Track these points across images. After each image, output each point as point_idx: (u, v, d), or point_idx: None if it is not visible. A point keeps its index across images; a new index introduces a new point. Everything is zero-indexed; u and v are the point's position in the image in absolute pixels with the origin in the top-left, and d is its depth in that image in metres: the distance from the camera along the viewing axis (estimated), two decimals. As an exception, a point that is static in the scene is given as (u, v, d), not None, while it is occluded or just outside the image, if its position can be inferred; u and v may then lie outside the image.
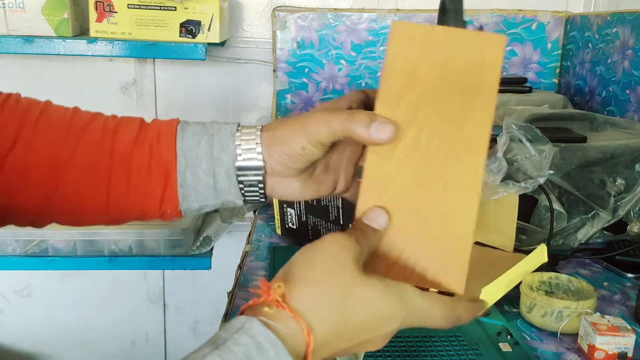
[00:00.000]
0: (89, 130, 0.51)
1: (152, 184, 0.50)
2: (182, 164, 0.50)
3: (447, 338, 0.70)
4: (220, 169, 0.50)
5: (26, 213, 0.51)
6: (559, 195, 0.94)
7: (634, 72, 1.17)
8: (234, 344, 0.37)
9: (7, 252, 1.30)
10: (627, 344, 0.66)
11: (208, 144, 0.51)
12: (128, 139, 0.51)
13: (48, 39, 1.25)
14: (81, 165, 0.50)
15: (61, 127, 0.51)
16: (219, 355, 0.36)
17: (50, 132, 0.50)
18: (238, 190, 0.51)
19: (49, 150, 0.49)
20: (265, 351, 0.36)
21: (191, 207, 0.52)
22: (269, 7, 1.50)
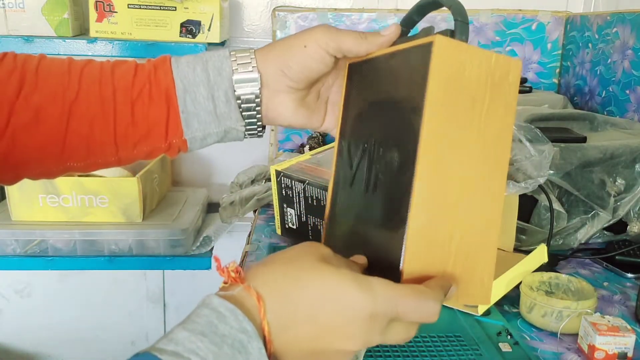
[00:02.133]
0: (88, 70, 0.53)
1: (156, 111, 0.53)
2: (180, 89, 0.53)
3: (447, 338, 0.70)
4: (219, 92, 0.53)
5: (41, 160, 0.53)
6: (559, 195, 0.94)
7: (634, 72, 1.17)
8: (195, 316, 0.39)
9: (7, 252, 1.30)
10: (627, 344, 0.66)
11: (203, 70, 0.53)
12: (127, 73, 0.53)
13: (48, 39, 1.25)
14: (88, 101, 0.52)
15: (61, 71, 0.53)
16: (184, 328, 0.38)
17: (52, 76, 0.52)
18: (238, 114, 0.54)
19: (55, 92, 0.52)
20: (225, 318, 0.38)
21: (195, 136, 0.54)
22: (269, 7, 1.50)
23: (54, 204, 1.29)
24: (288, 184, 0.96)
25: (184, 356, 0.36)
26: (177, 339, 0.37)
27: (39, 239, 1.30)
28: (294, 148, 1.52)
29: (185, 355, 0.36)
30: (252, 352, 0.38)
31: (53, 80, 0.52)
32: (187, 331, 0.38)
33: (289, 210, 0.98)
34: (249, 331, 0.38)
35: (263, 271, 0.42)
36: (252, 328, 0.38)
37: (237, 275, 0.41)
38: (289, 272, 0.41)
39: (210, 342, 0.37)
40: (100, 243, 1.31)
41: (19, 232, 1.29)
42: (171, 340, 0.37)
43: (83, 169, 0.55)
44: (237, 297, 0.40)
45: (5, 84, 0.51)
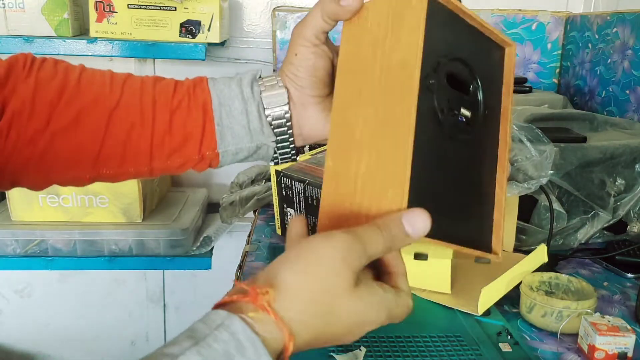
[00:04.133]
0: (130, 82, 0.55)
1: (193, 122, 0.54)
2: (216, 103, 0.55)
3: (447, 338, 0.70)
4: (252, 107, 0.55)
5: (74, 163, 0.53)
6: (559, 195, 0.94)
7: (634, 72, 1.17)
8: (213, 340, 0.36)
9: (7, 252, 1.30)
10: (627, 344, 0.66)
11: (237, 86, 0.56)
12: (167, 87, 0.56)
13: (48, 39, 1.25)
14: (128, 109, 0.53)
15: (103, 80, 0.55)
16: (199, 352, 0.36)
17: (94, 84, 0.54)
18: (270, 130, 0.55)
19: (97, 98, 0.53)
20: (244, 349, 0.36)
21: (227, 150, 0.55)
22: (269, 7, 1.50)
23: (54, 204, 1.29)
24: (288, 184, 0.96)
25: None
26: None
27: (39, 239, 1.30)
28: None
29: None
30: None
31: (95, 88, 0.54)
32: (201, 356, 0.36)
33: (289, 210, 0.98)
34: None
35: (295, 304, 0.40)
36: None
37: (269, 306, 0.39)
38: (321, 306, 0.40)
39: None
40: (100, 243, 1.31)
41: (19, 232, 1.29)
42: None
43: (113, 177, 0.56)
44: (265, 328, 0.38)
45: (46, 87, 0.52)
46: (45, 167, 0.53)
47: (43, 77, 0.53)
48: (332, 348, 0.66)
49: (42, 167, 0.53)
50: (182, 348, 0.36)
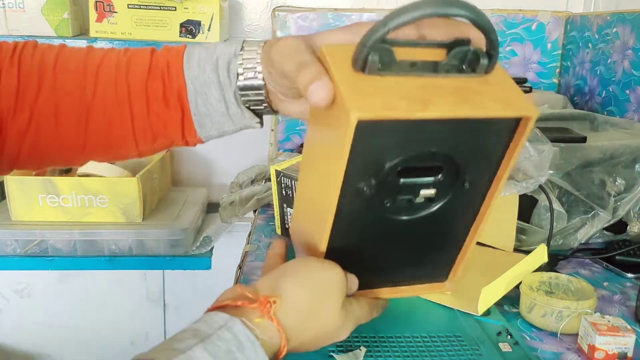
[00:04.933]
0: (105, 68, 0.53)
1: (171, 113, 0.53)
2: (192, 91, 0.52)
3: (447, 338, 0.70)
4: (229, 94, 0.53)
5: (64, 153, 0.55)
6: (559, 195, 0.94)
7: (634, 72, 1.17)
8: (217, 338, 0.41)
9: (7, 252, 1.30)
10: (627, 344, 0.66)
11: (213, 70, 0.52)
12: (141, 71, 0.53)
13: (48, 39, 1.25)
14: (104, 102, 0.53)
15: (78, 69, 0.53)
16: (205, 349, 0.39)
17: (68, 75, 0.53)
18: (251, 113, 0.54)
19: (73, 92, 0.53)
20: (244, 348, 0.41)
21: (210, 135, 0.55)
22: (269, 7, 1.50)
23: (54, 204, 1.29)
24: (288, 184, 0.96)
25: None
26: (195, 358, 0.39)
27: (39, 239, 1.30)
28: (294, 148, 1.52)
29: None
30: None
31: (70, 80, 0.53)
32: (206, 352, 0.39)
33: (289, 210, 0.98)
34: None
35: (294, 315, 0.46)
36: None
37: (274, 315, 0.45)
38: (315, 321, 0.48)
39: None
40: (100, 243, 1.31)
41: (19, 232, 1.29)
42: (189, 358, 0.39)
43: (107, 160, 0.59)
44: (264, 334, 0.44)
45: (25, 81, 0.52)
46: (37, 157, 0.55)
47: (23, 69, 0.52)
48: (332, 348, 0.66)
49: (34, 157, 0.55)
50: (189, 344, 0.39)
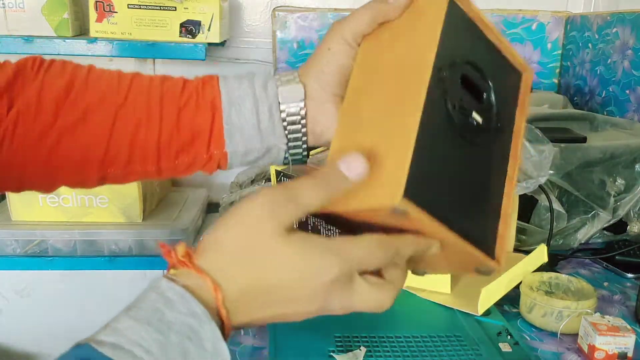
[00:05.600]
0: (138, 79, 0.54)
1: (201, 119, 0.53)
2: (226, 102, 0.53)
3: (447, 338, 0.70)
4: (263, 107, 0.53)
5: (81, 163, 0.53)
6: (559, 195, 0.94)
7: (634, 72, 1.17)
8: (141, 301, 0.38)
9: (7, 252, 1.30)
10: (627, 344, 0.66)
11: (249, 85, 0.54)
12: (176, 85, 0.54)
13: (48, 39, 1.25)
14: (135, 105, 0.53)
15: (111, 77, 0.54)
16: (128, 315, 0.37)
17: (102, 81, 0.54)
18: (282, 130, 0.53)
19: (104, 95, 0.52)
20: (172, 303, 0.37)
21: (237, 150, 0.54)
22: (269, 7, 1.50)
23: (54, 204, 1.29)
24: (288, 184, 0.96)
25: (125, 348, 0.34)
26: (119, 329, 0.36)
27: (39, 239, 1.30)
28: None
29: (127, 347, 0.35)
30: (204, 335, 0.37)
31: (102, 86, 0.53)
32: (131, 319, 0.36)
33: (289, 210, 0.98)
34: (199, 314, 0.37)
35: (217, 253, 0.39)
36: (202, 310, 0.37)
37: (187, 260, 0.39)
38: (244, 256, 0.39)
39: (155, 331, 0.36)
40: (100, 243, 1.31)
41: (19, 232, 1.29)
42: (114, 330, 0.36)
43: (121, 177, 0.55)
44: (189, 282, 0.38)
45: (52, 84, 0.52)
46: (52, 167, 0.53)
47: (50, 76, 0.53)
48: (332, 348, 0.66)
49: (49, 167, 0.53)
50: (115, 317, 0.37)
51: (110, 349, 0.34)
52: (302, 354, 0.65)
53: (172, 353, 0.36)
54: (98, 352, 0.34)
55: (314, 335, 0.68)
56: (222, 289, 0.38)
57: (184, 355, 0.36)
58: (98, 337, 0.35)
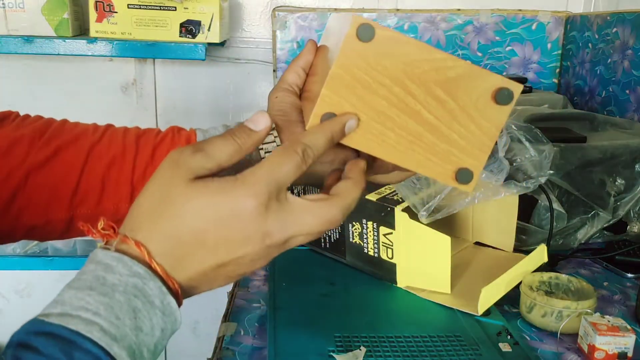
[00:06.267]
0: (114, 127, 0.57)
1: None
2: (200, 137, 0.56)
3: (447, 338, 0.70)
4: None
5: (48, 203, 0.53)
6: (559, 195, 0.94)
7: (634, 72, 1.17)
8: (81, 273, 0.37)
9: (7, 252, 1.30)
10: (627, 344, 0.66)
11: (224, 126, 0.57)
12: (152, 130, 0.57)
13: (48, 39, 1.25)
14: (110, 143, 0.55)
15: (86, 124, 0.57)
16: (69, 286, 0.36)
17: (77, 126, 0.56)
18: (258, 155, 0.55)
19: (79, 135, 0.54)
20: (112, 268, 0.37)
21: None
22: (269, 7, 1.50)
23: (54, 204, 1.29)
24: (288, 184, 0.96)
25: (72, 314, 0.35)
26: (63, 300, 0.36)
27: (38, 239, 1.30)
28: None
29: (73, 313, 0.35)
30: (150, 292, 0.37)
31: (79, 128, 0.55)
32: (73, 289, 0.36)
33: (289, 210, 0.98)
34: (141, 274, 0.37)
35: (132, 217, 0.39)
36: (144, 270, 0.37)
37: (111, 232, 0.39)
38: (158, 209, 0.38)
39: (99, 294, 0.36)
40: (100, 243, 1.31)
41: (19, 232, 1.29)
42: (58, 303, 0.36)
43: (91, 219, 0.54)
44: (119, 250, 0.38)
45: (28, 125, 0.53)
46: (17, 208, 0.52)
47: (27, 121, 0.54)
48: (332, 348, 0.66)
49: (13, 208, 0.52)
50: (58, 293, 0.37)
51: (58, 317, 0.34)
52: (302, 354, 0.65)
53: (120, 312, 0.36)
54: (46, 322, 0.34)
55: (314, 335, 0.69)
56: (144, 245, 0.38)
57: (133, 312, 0.36)
58: (44, 311, 0.35)
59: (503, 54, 1.48)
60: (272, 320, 0.72)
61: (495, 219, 0.92)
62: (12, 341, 0.34)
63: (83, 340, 0.34)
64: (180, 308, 0.39)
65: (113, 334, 0.35)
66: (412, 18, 1.45)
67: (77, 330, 0.34)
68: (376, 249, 0.83)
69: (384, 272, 0.83)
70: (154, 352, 0.38)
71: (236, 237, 0.38)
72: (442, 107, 0.45)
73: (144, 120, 1.54)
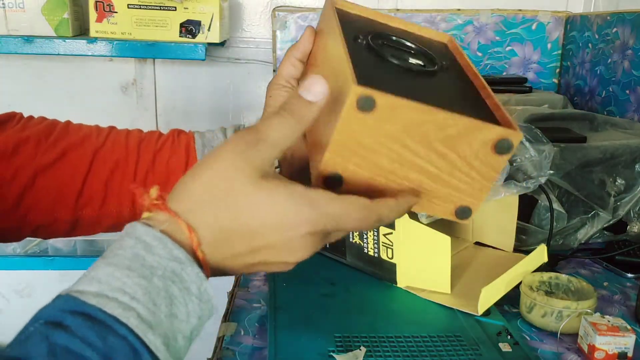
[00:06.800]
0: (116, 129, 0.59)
1: (175, 160, 0.57)
2: (199, 144, 0.57)
3: (447, 338, 0.70)
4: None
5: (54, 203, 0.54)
6: (559, 195, 0.94)
7: (634, 72, 1.17)
8: (118, 247, 0.36)
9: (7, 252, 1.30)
10: (627, 344, 0.66)
11: (221, 132, 0.58)
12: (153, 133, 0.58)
13: (48, 39, 1.25)
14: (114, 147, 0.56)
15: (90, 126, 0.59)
16: (107, 262, 0.35)
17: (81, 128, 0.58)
18: None
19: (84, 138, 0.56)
20: (152, 248, 0.36)
21: None
22: (269, 7, 1.50)
23: (54, 204, 1.29)
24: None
25: (108, 296, 0.33)
26: (100, 277, 0.34)
27: (39, 239, 1.30)
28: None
29: (110, 295, 0.33)
30: (187, 278, 0.36)
31: (83, 131, 0.57)
32: (110, 267, 0.35)
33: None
34: (181, 258, 0.36)
35: (189, 196, 0.38)
36: (184, 255, 0.36)
37: (161, 202, 0.38)
38: (219, 199, 0.37)
39: (138, 276, 0.34)
40: (100, 243, 1.31)
41: (19, 232, 1.29)
42: (94, 279, 0.34)
43: (95, 220, 0.55)
44: (164, 227, 0.37)
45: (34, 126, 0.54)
46: (24, 207, 0.53)
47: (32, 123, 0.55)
48: (332, 348, 0.66)
49: (21, 208, 0.52)
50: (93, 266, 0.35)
51: (94, 297, 0.33)
52: (302, 353, 0.65)
53: (157, 298, 0.35)
54: (82, 302, 0.33)
55: (314, 335, 0.69)
56: (196, 231, 0.37)
57: (169, 299, 0.35)
58: (78, 287, 0.34)
59: (503, 54, 1.48)
60: (272, 320, 0.72)
61: (495, 219, 0.92)
62: (41, 317, 0.33)
63: (120, 326, 0.32)
64: None
65: (149, 321, 0.34)
66: (412, 18, 1.45)
67: (114, 315, 0.33)
68: (376, 249, 0.83)
69: (384, 272, 0.83)
70: (189, 338, 0.37)
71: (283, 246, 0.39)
72: (443, 159, 0.45)
73: (144, 120, 1.54)
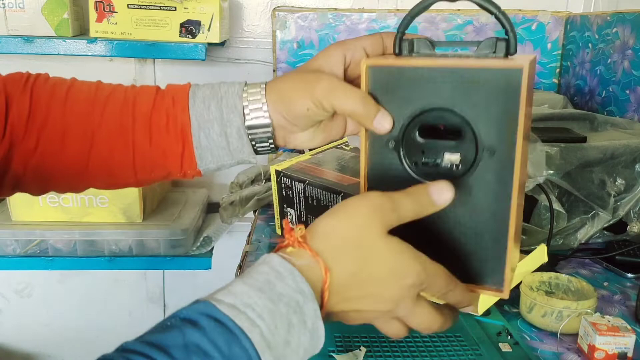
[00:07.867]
0: (113, 99, 0.57)
1: (172, 143, 0.55)
2: (195, 126, 0.55)
3: (447, 338, 0.70)
4: (231, 130, 0.55)
5: (66, 178, 0.56)
6: (559, 195, 0.94)
7: (634, 72, 1.17)
8: (255, 272, 0.40)
9: (7, 252, 1.30)
10: (627, 344, 0.66)
11: (217, 108, 0.55)
12: (147, 104, 0.56)
13: (48, 39, 1.25)
14: (109, 129, 0.55)
15: (88, 98, 0.57)
16: (243, 282, 0.39)
17: (79, 103, 0.56)
18: (250, 148, 0.56)
19: (81, 119, 0.55)
20: (283, 277, 0.40)
21: (209, 167, 0.57)
22: (269, 7, 1.50)
23: (54, 204, 1.29)
24: (288, 184, 0.96)
25: (240, 309, 0.37)
26: (235, 292, 0.38)
27: (39, 239, 1.30)
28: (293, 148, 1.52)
29: (241, 309, 0.37)
30: (307, 312, 0.40)
31: (79, 108, 0.56)
32: (246, 285, 0.39)
33: (289, 210, 0.98)
34: (306, 292, 0.40)
35: (328, 239, 0.43)
36: (309, 290, 0.40)
37: (304, 241, 0.42)
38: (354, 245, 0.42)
39: (267, 299, 0.38)
40: (100, 243, 1.31)
41: (19, 232, 1.29)
42: (230, 292, 0.38)
43: (106, 187, 0.59)
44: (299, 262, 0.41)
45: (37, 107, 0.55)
46: (42, 178, 0.57)
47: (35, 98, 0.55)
48: (332, 347, 0.66)
49: (39, 178, 0.57)
50: (230, 283, 0.40)
51: (228, 308, 0.37)
52: (302, 354, 0.65)
53: (280, 322, 0.38)
54: (217, 309, 0.37)
55: (314, 335, 0.69)
56: (331, 272, 0.42)
57: (288, 327, 0.39)
58: (216, 296, 0.38)
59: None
60: (272, 320, 0.72)
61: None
62: (180, 315, 0.38)
63: (245, 338, 0.36)
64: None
65: (269, 341, 0.37)
66: (412, 18, 1.44)
67: (242, 327, 0.36)
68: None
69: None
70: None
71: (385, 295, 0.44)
72: None
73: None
